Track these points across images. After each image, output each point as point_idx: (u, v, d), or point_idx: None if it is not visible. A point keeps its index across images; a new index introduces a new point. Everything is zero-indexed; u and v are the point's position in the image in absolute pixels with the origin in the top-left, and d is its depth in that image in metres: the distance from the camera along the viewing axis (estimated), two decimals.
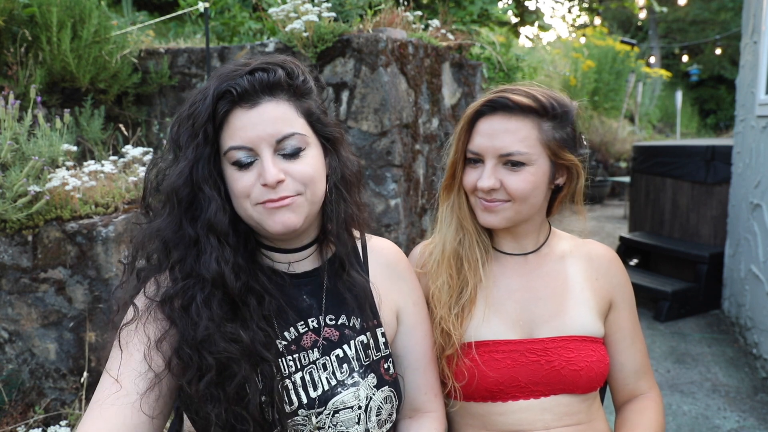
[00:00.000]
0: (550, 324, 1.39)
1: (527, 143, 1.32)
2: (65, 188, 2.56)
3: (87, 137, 3.38)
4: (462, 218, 1.44)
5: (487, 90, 1.39)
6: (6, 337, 2.63)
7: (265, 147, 1.11)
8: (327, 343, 1.23)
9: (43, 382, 2.62)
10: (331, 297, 1.26)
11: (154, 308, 1.10)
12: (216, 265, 1.09)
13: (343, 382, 1.21)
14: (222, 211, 1.11)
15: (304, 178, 1.13)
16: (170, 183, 1.11)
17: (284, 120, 1.12)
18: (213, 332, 1.07)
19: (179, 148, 1.13)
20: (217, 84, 1.10)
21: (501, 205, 1.36)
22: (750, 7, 4.91)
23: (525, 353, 1.36)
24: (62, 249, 2.54)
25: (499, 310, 1.41)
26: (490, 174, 1.34)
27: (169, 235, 1.11)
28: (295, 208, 1.13)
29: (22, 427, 2.42)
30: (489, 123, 1.34)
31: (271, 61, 1.15)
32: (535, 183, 1.34)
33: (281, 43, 3.49)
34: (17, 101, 2.75)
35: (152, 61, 3.78)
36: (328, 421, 1.18)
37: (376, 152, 3.38)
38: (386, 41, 3.34)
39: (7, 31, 3.23)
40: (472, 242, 1.44)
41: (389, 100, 3.33)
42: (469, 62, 4.51)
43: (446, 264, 1.43)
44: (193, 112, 1.11)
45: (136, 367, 1.06)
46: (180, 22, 5.23)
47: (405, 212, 3.50)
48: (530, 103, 1.32)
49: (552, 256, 1.47)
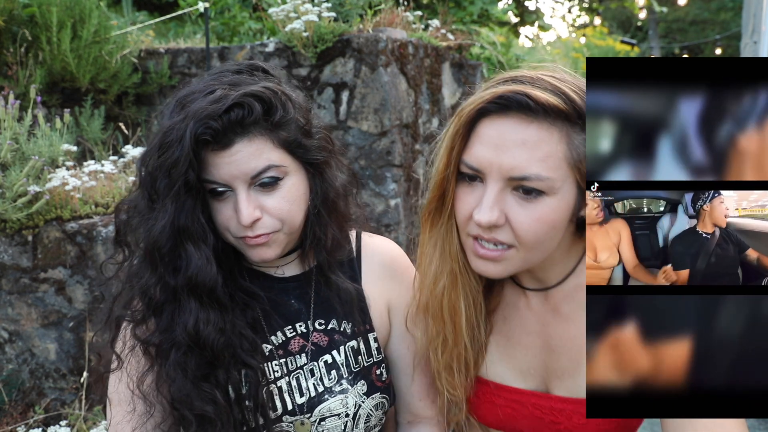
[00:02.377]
0: (565, 382, 1.10)
1: (550, 164, 0.94)
2: (65, 188, 2.56)
3: (87, 137, 3.38)
4: (449, 258, 1.09)
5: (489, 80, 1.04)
6: (6, 337, 2.63)
7: (240, 183, 1.05)
8: (315, 348, 1.19)
9: (43, 382, 2.62)
10: (321, 301, 1.22)
11: (135, 351, 1.10)
12: (193, 328, 1.05)
13: (331, 389, 1.17)
14: (208, 265, 1.06)
15: (281, 213, 1.08)
16: (151, 238, 1.05)
17: (258, 155, 1.05)
18: (189, 391, 1.05)
19: (155, 194, 1.05)
20: (195, 126, 1.00)
21: (502, 253, 1.00)
22: (750, 7, 4.91)
23: (529, 407, 1.12)
24: (62, 249, 2.54)
25: (509, 351, 1.15)
26: (493, 203, 0.96)
27: (150, 287, 1.07)
28: (272, 244, 1.10)
29: (22, 427, 2.42)
30: (497, 127, 0.96)
31: (249, 92, 1.03)
32: (554, 221, 0.97)
33: (281, 43, 3.49)
34: (17, 101, 2.76)
35: (152, 61, 3.78)
36: (314, 428, 1.15)
37: (376, 152, 3.38)
38: (386, 41, 3.34)
39: (7, 31, 3.23)
40: (456, 292, 1.10)
41: (389, 100, 3.33)
42: (469, 62, 4.51)
43: (423, 314, 1.15)
44: (169, 157, 1.02)
45: (134, 419, 1.09)
46: (180, 22, 5.23)
47: (405, 212, 3.49)
48: (560, 105, 0.93)
49: (581, 295, 1.07)
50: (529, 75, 0.98)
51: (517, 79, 0.98)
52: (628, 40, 13.35)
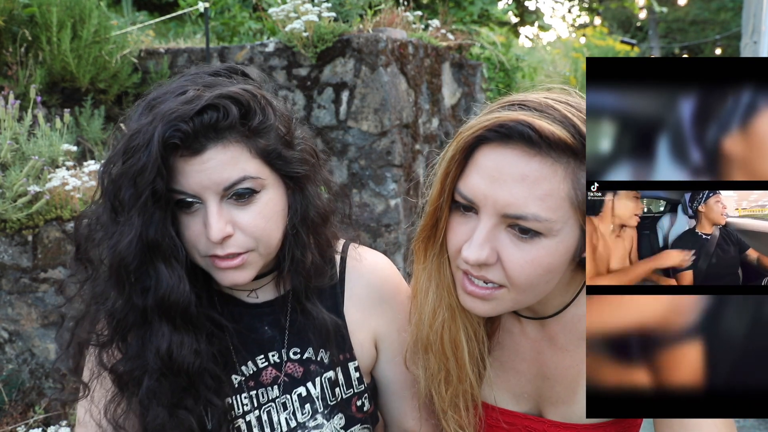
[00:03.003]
0: (558, 408, 1.07)
1: (550, 204, 0.85)
2: (65, 188, 2.56)
3: (87, 137, 3.38)
4: (444, 292, 1.01)
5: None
6: (6, 337, 2.63)
7: (210, 195, 0.94)
8: (289, 379, 1.09)
9: (43, 382, 2.62)
10: (296, 328, 1.11)
11: (101, 379, 1.01)
12: (166, 353, 0.95)
13: (304, 424, 1.08)
14: (180, 283, 0.95)
15: (255, 231, 0.97)
16: (116, 255, 0.93)
17: (233, 164, 0.94)
18: (163, 420, 0.97)
19: (119, 205, 0.95)
20: (164, 129, 0.90)
21: (492, 292, 0.93)
22: (750, 7, 4.91)
23: (521, 429, 1.09)
24: (62, 249, 2.54)
25: (502, 376, 1.12)
26: (484, 239, 0.88)
27: (117, 309, 0.97)
28: (246, 266, 0.99)
29: (22, 427, 2.42)
30: (496, 158, 0.87)
31: (225, 94, 0.93)
32: (551, 265, 0.89)
33: (281, 43, 3.49)
34: (17, 101, 2.76)
35: (152, 61, 3.78)
36: None
37: (376, 152, 3.38)
38: (386, 41, 3.34)
39: (7, 31, 3.23)
40: (456, 326, 1.02)
41: (389, 100, 3.33)
42: (469, 62, 4.51)
43: (423, 351, 1.07)
44: (134, 164, 0.91)
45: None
46: (180, 22, 5.23)
47: (405, 212, 3.50)
48: (567, 139, 0.84)
49: (578, 328, 1.03)
50: (538, 101, 0.89)
51: (525, 104, 0.89)
52: (628, 40, 13.35)
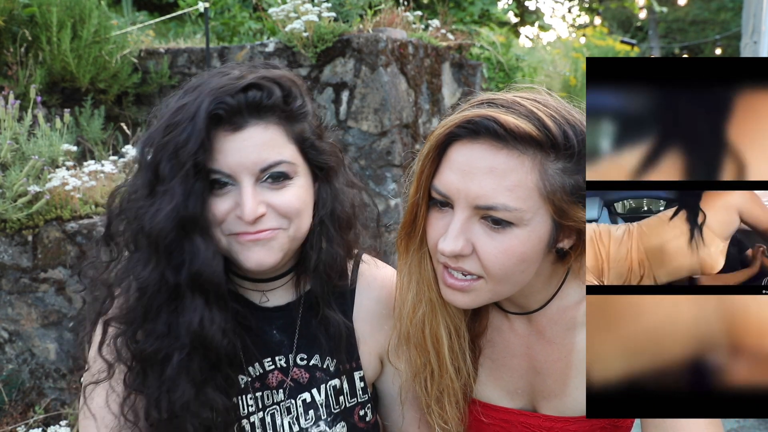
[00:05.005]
0: (551, 402, 1.10)
1: (519, 194, 0.90)
2: (65, 188, 2.56)
3: (87, 137, 3.38)
4: (424, 286, 1.05)
5: (486, 90, 1.00)
6: (6, 337, 2.63)
7: (246, 176, 0.95)
8: (294, 384, 1.10)
9: (43, 382, 2.62)
10: (305, 335, 1.11)
11: (123, 363, 0.99)
12: (198, 327, 0.94)
13: (307, 430, 1.09)
14: (214, 259, 0.95)
15: (289, 211, 0.98)
16: (155, 225, 0.92)
17: (271, 146, 0.96)
18: (190, 399, 0.95)
19: (157, 178, 0.94)
20: (210, 102, 0.92)
21: (470, 284, 0.96)
22: (750, 7, 4.91)
23: (517, 425, 1.11)
24: (62, 249, 2.54)
25: (495, 373, 1.14)
26: (458, 232, 0.92)
27: (149, 284, 0.95)
28: (273, 245, 0.98)
29: (22, 427, 2.42)
30: (466, 153, 0.92)
31: (269, 76, 0.97)
32: (524, 254, 0.93)
33: (281, 43, 3.49)
34: (17, 101, 2.76)
35: (152, 61, 3.78)
36: None
37: (376, 152, 3.38)
38: (386, 41, 3.34)
39: (7, 31, 3.23)
40: (436, 320, 1.05)
41: (389, 100, 3.33)
42: (469, 62, 4.51)
43: (405, 344, 1.10)
44: (177, 136, 0.91)
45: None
46: (180, 22, 5.23)
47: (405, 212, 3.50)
48: (532, 132, 0.89)
49: (563, 319, 1.07)
50: (506, 98, 0.95)
51: (493, 102, 0.95)
52: (628, 40, 13.34)
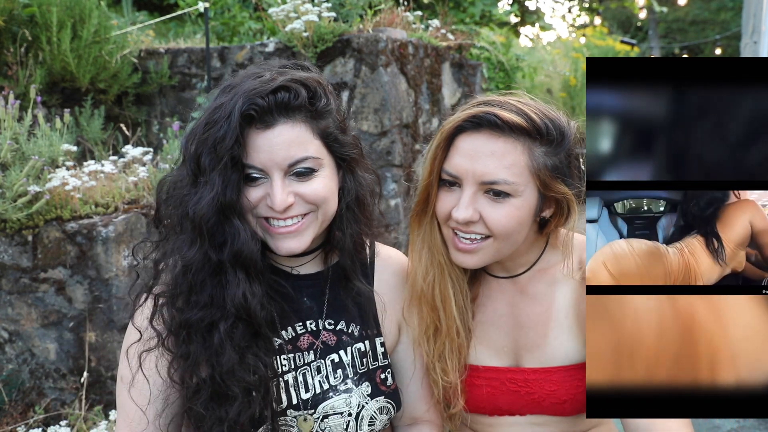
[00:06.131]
0: (533, 354, 1.28)
1: (515, 171, 1.15)
2: (65, 188, 2.56)
3: (87, 137, 3.38)
4: (435, 252, 1.27)
5: (486, 91, 1.26)
6: (6, 337, 2.63)
7: (276, 170, 1.09)
8: (324, 346, 1.22)
9: (43, 382, 2.62)
10: (333, 302, 1.25)
11: (171, 333, 1.11)
12: (242, 299, 1.08)
13: (336, 387, 1.20)
14: (252, 240, 1.09)
15: (316, 199, 1.12)
16: (198, 211, 1.07)
17: (298, 143, 1.09)
18: (234, 363, 1.07)
19: (199, 169, 1.08)
20: (243, 102, 1.05)
21: (479, 244, 1.20)
22: (750, 7, 4.91)
23: (505, 382, 1.27)
24: (62, 249, 2.54)
25: (485, 335, 1.32)
26: (468, 203, 1.16)
27: (194, 261, 1.09)
28: (303, 232, 1.13)
29: (22, 427, 2.42)
30: (471, 141, 1.17)
31: (296, 78, 1.10)
32: (520, 218, 1.18)
33: (281, 43, 3.49)
34: (17, 101, 2.76)
35: (152, 61, 3.78)
36: (317, 425, 1.17)
37: (376, 152, 3.38)
38: (386, 41, 3.34)
39: (7, 31, 3.23)
40: (444, 281, 1.27)
41: (389, 100, 3.33)
42: (469, 62, 4.51)
43: (417, 303, 1.30)
44: (216, 132, 1.05)
45: (158, 396, 1.11)
46: (180, 22, 5.23)
47: (405, 212, 3.50)
48: (522, 123, 1.14)
49: (544, 277, 1.30)
50: (499, 99, 1.21)
51: (489, 102, 1.20)
52: (628, 40, 13.34)
